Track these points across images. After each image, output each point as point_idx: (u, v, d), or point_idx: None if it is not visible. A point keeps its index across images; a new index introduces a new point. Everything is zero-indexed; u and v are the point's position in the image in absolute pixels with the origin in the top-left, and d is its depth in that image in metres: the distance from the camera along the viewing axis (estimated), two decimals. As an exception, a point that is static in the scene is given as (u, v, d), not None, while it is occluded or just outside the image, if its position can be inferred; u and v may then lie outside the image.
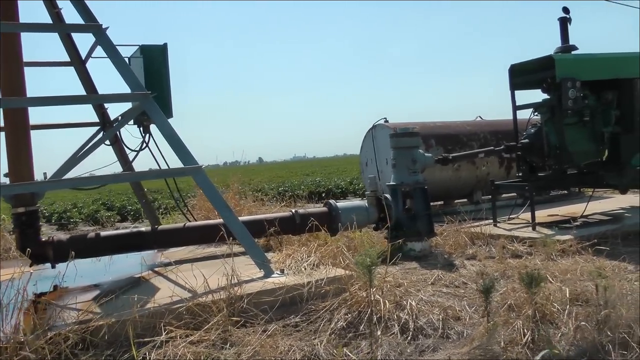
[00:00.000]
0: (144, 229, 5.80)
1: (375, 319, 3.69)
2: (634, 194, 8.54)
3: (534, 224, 6.80)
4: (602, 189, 9.35)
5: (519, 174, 7.68)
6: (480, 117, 10.76)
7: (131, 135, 6.45)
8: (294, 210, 6.12)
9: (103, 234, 5.56)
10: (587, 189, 9.41)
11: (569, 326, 3.39)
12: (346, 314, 3.81)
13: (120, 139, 6.62)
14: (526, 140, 7.44)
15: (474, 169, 9.54)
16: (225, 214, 4.95)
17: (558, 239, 5.86)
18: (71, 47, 6.39)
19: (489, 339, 3.29)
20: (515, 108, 7.66)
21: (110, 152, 6.72)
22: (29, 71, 5.46)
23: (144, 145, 6.31)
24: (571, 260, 5.16)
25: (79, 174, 5.48)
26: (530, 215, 6.89)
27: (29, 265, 5.15)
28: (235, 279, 4.06)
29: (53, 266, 5.04)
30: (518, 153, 7.58)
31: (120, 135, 6.56)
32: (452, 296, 4.44)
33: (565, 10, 7.25)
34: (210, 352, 3.27)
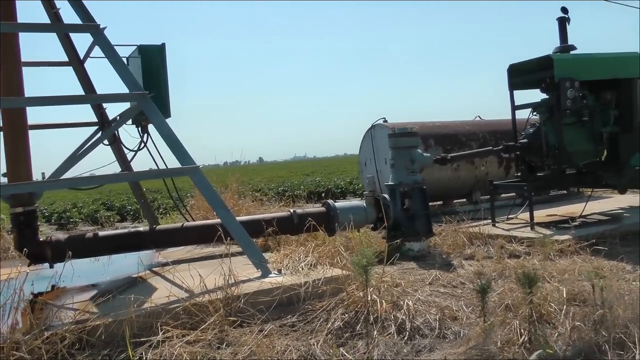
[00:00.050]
0: (142, 228, 5.80)
1: (371, 319, 3.69)
2: (633, 194, 8.53)
3: (532, 223, 6.80)
4: (601, 189, 9.34)
5: (518, 174, 7.68)
6: (479, 117, 10.75)
7: (129, 135, 6.46)
8: (292, 210, 6.11)
9: (101, 233, 5.56)
10: (586, 188, 9.40)
11: (566, 326, 3.39)
12: (343, 314, 3.81)
13: (119, 138, 6.63)
14: (525, 140, 7.43)
15: (472, 168, 9.53)
16: (223, 214, 4.96)
17: (556, 239, 5.85)
18: (69, 47, 6.39)
19: (485, 339, 3.29)
20: (514, 108, 7.66)
21: (109, 152, 6.74)
22: (27, 71, 5.47)
23: (142, 145, 6.32)
24: (569, 260, 5.16)
25: (77, 173, 5.48)
26: (529, 215, 6.89)
27: (28, 265, 5.16)
28: (232, 278, 4.06)
29: (51, 266, 5.04)
30: (517, 153, 7.58)
31: (118, 135, 6.57)
32: (450, 296, 4.44)
33: (564, 10, 7.25)
34: (206, 352, 3.27)
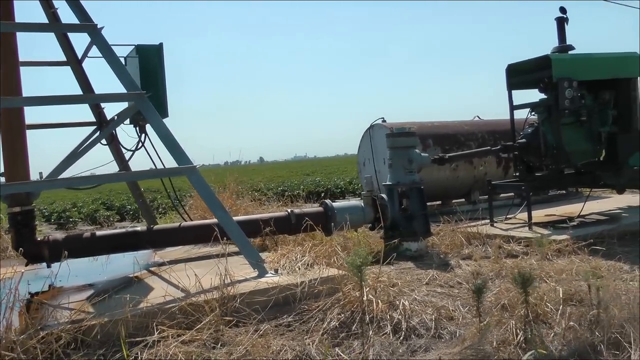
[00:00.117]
0: (139, 228, 5.80)
1: (367, 318, 3.69)
2: (632, 194, 8.52)
3: (530, 223, 6.80)
4: (600, 189, 9.34)
5: (516, 174, 7.67)
6: (478, 117, 10.74)
7: (127, 135, 6.47)
8: (290, 210, 6.10)
9: (99, 233, 5.56)
10: (585, 188, 9.39)
11: (562, 326, 3.39)
12: (339, 314, 3.81)
13: (117, 138, 6.62)
14: (523, 140, 7.43)
15: (471, 168, 9.52)
16: (220, 214, 4.95)
17: (554, 239, 5.84)
18: (67, 47, 6.39)
19: (480, 339, 3.29)
20: (513, 108, 7.65)
21: (108, 152, 6.74)
22: (25, 71, 5.48)
23: (140, 145, 6.32)
24: (567, 260, 5.15)
25: (75, 173, 5.48)
26: (527, 215, 6.89)
27: (25, 264, 5.16)
28: (228, 278, 4.05)
29: (49, 266, 5.04)
30: (515, 153, 7.57)
31: (116, 134, 6.57)
32: (446, 296, 4.44)
33: (562, 10, 7.25)
34: (201, 352, 3.27)
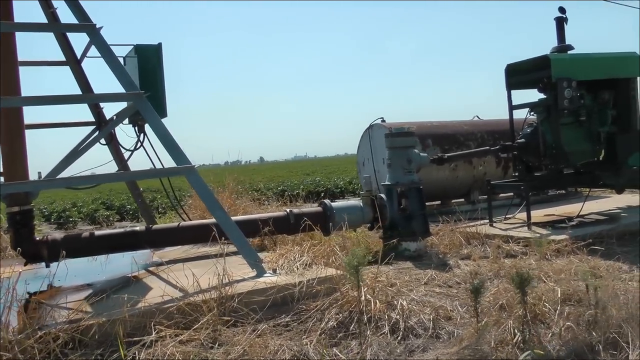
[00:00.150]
0: (138, 228, 5.80)
1: (365, 318, 3.69)
2: (632, 194, 8.52)
3: (529, 223, 6.79)
4: (599, 189, 9.33)
5: (515, 174, 7.67)
6: (477, 117, 10.73)
7: (126, 135, 6.47)
8: (289, 210, 6.10)
9: (97, 233, 5.57)
10: (584, 188, 9.39)
11: (560, 326, 3.39)
12: (337, 314, 3.81)
13: (116, 138, 6.63)
14: (522, 139, 7.43)
15: (471, 168, 9.52)
16: (218, 214, 4.95)
17: (553, 239, 5.84)
18: (66, 47, 6.40)
19: (478, 339, 3.29)
20: (512, 108, 7.65)
21: (107, 152, 6.74)
22: (24, 70, 5.49)
23: (139, 145, 6.32)
24: (566, 260, 5.15)
25: (75, 173, 5.48)
26: (526, 215, 6.89)
27: (24, 264, 5.17)
28: (226, 278, 4.06)
29: (47, 265, 5.04)
30: (514, 153, 7.57)
31: (115, 134, 6.58)
32: (445, 296, 4.44)
33: (562, 10, 7.24)
34: (199, 352, 3.27)
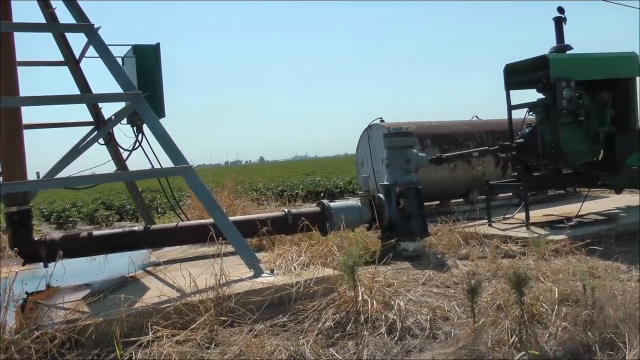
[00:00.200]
0: (136, 228, 5.80)
1: (362, 319, 3.69)
2: (631, 194, 8.51)
3: (528, 223, 6.79)
4: (598, 189, 9.32)
5: (514, 174, 7.67)
6: (476, 117, 10.73)
7: (124, 135, 6.47)
8: (287, 210, 6.09)
9: (95, 233, 5.56)
10: (583, 188, 9.39)
11: (557, 326, 3.38)
12: (334, 314, 3.81)
13: (114, 138, 6.63)
14: (521, 139, 7.42)
15: (469, 168, 9.51)
16: (215, 214, 4.95)
17: (552, 239, 5.84)
18: (65, 47, 6.40)
19: (475, 339, 3.28)
20: (510, 108, 7.65)
21: (106, 152, 6.75)
22: (22, 70, 5.48)
23: (137, 145, 6.32)
24: (564, 260, 5.14)
25: (73, 173, 5.48)
26: (525, 215, 6.88)
27: (22, 264, 5.17)
28: (224, 278, 4.06)
29: (46, 265, 5.04)
30: (513, 153, 7.57)
31: (113, 134, 6.58)
32: (442, 296, 4.43)
33: (560, 10, 7.24)
34: (195, 352, 3.27)
